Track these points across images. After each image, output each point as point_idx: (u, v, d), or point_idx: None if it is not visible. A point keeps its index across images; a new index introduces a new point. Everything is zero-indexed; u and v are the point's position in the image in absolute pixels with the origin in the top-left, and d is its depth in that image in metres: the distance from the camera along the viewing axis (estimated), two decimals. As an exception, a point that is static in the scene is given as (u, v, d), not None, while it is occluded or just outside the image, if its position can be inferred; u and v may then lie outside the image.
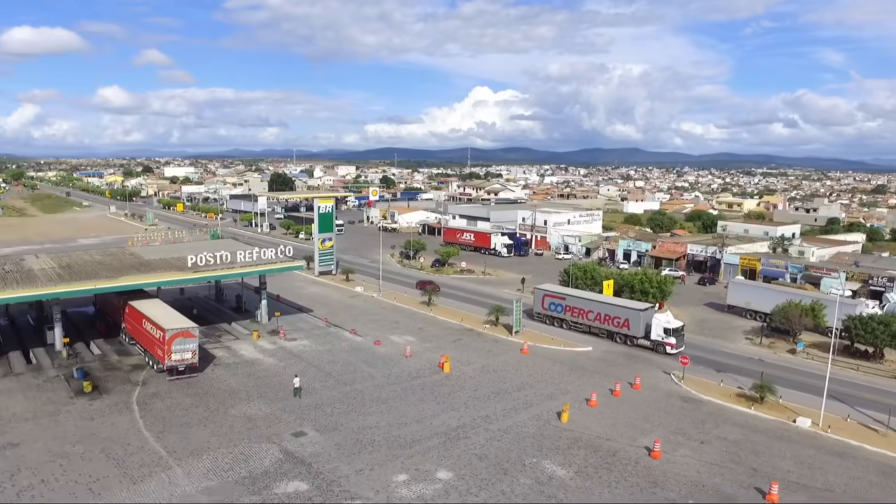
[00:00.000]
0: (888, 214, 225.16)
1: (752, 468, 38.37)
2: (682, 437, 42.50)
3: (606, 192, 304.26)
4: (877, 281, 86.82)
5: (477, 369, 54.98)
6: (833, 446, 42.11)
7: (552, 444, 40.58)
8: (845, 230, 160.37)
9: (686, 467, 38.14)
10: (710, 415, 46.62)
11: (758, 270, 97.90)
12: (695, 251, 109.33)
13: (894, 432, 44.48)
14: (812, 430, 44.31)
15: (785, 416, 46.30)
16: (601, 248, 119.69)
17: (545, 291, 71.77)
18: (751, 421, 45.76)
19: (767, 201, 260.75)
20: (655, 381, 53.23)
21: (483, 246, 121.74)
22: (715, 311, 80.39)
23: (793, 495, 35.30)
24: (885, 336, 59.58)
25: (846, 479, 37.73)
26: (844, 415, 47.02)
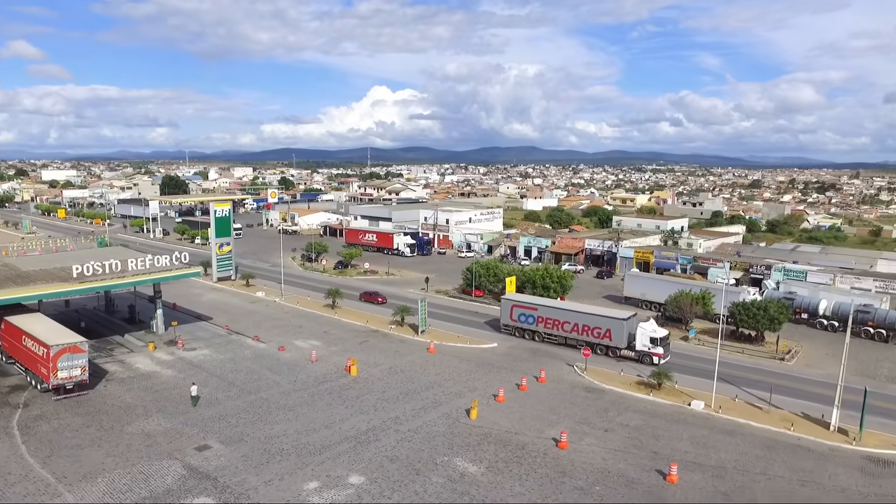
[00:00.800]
0: (764, 207, 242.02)
1: (653, 451, 40.17)
2: (587, 426, 43.90)
3: (506, 190, 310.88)
4: (756, 269, 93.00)
5: (384, 371, 54.66)
6: (724, 425, 44.74)
7: (462, 442, 40.90)
8: (728, 222, 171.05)
9: (592, 455, 39.43)
10: (613, 403, 48.43)
11: (651, 263, 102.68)
12: (592, 246, 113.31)
13: (776, 409, 47.79)
14: (705, 412, 46.91)
15: (681, 401, 48.76)
16: (503, 246, 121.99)
17: (514, 301, 66.77)
18: (650, 407, 47.90)
19: (658, 196, 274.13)
20: (560, 374, 54.71)
21: (386, 246, 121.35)
22: (613, 303, 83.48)
23: (690, 474, 37.22)
24: (764, 320, 63.88)
25: (736, 455, 40.17)
26: (733, 395, 50.07)
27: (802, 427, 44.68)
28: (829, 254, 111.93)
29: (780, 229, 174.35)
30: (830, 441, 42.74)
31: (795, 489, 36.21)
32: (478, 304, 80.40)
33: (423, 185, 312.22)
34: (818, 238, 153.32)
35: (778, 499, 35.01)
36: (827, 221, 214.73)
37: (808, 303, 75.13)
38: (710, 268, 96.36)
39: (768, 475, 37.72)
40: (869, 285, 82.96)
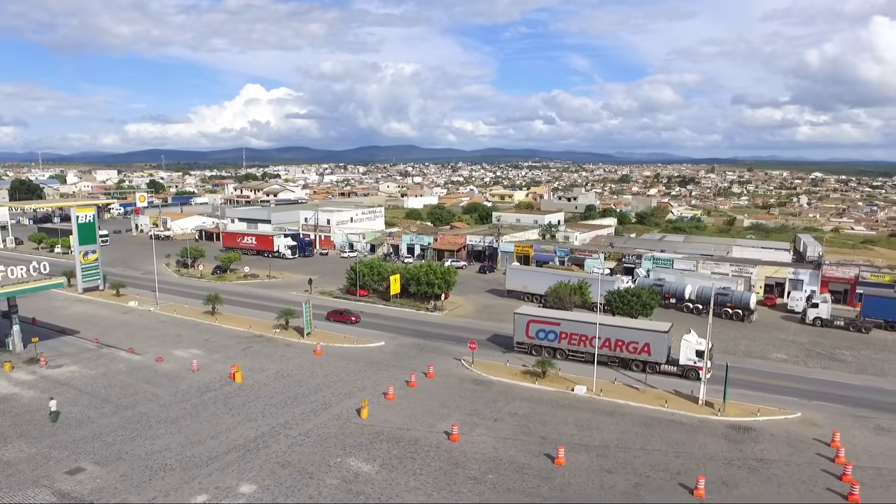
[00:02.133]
0: (633, 200, 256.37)
1: (541, 437, 41.66)
2: (477, 417, 44.83)
3: (387, 189, 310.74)
4: (628, 259, 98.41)
5: (271, 376, 53.24)
6: (605, 407, 47.13)
7: (355, 442, 40.61)
8: (601, 215, 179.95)
9: (483, 445, 40.33)
10: (501, 394, 49.73)
11: (531, 256, 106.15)
12: (474, 242, 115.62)
13: (651, 388, 50.92)
14: (588, 396, 49.19)
15: (565, 387, 50.84)
16: (385, 244, 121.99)
17: (531, 317, 59.80)
18: (536, 395, 49.61)
19: (535, 192, 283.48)
20: (448, 368, 55.47)
21: (266, 249, 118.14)
22: (496, 296, 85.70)
23: (576, 455, 38.93)
24: (637, 306, 67.89)
25: (617, 433, 42.45)
26: (612, 379, 52.84)
27: (675, 403, 47.90)
28: (692, 242, 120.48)
29: (648, 221, 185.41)
30: (699, 414, 46.10)
31: (671, 460, 38.75)
32: (363, 304, 79.96)
33: (302, 185, 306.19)
34: (682, 228, 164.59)
35: (656, 471, 37.33)
36: (689, 213, 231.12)
37: (675, 288, 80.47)
38: (586, 259, 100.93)
39: (647, 450, 40.16)
40: (726, 270, 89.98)
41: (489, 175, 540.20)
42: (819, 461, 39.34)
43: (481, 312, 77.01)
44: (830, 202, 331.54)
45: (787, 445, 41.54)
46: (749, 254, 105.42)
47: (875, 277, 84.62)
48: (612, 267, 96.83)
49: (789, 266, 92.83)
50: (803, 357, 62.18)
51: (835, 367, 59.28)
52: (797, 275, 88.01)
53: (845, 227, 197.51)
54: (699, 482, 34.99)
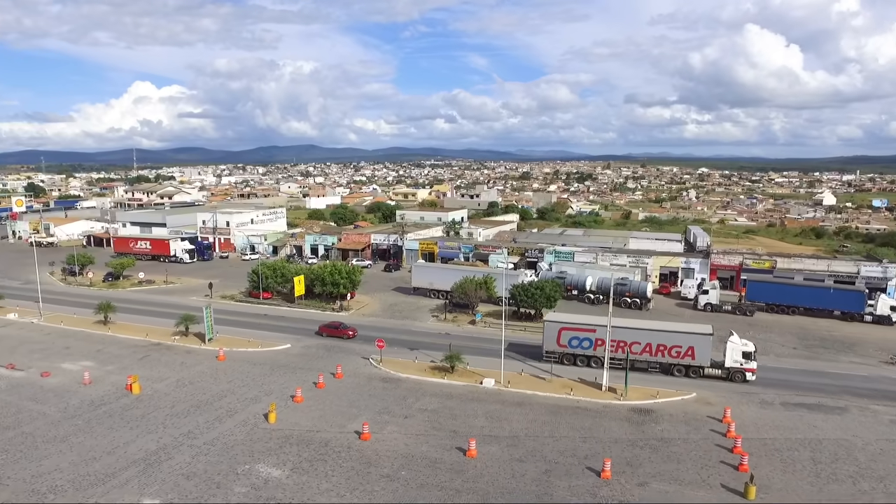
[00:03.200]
0: (534, 197, 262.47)
1: (452, 431, 41.94)
2: (387, 415, 44.59)
3: (288, 190, 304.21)
4: (531, 253, 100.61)
5: (171, 385, 50.92)
6: (514, 398, 48.03)
7: (263, 447, 39.47)
8: (503, 212, 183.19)
9: (395, 443, 40.16)
10: (410, 390, 49.69)
11: (436, 253, 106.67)
12: (378, 240, 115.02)
13: (557, 377, 52.31)
14: (496, 388, 49.96)
15: (473, 381, 51.40)
16: (288, 245, 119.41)
17: (563, 324, 56.64)
18: (446, 389, 49.90)
19: (438, 190, 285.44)
20: (356, 368, 54.89)
21: (162, 253, 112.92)
22: (403, 294, 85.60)
23: (487, 447, 39.46)
24: (542, 299, 69.51)
25: (526, 423, 43.36)
26: (519, 370, 53.88)
27: (580, 391, 49.45)
28: (591, 236, 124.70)
29: (548, 216, 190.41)
30: (603, 400, 47.81)
31: (578, 445, 39.96)
32: (267, 307, 77.90)
33: (199, 187, 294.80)
34: (581, 222, 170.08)
35: (564, 456, 38.37)
36: (587, 207, 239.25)
37: (576, 280, 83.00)
38: (490, 254, 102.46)
39: (555, 437, 41.23)
40: (624, 261, 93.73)
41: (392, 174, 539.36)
42: (713, 437, 41.71)
43: (388, 310, 76.78)
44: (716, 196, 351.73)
45: (684, 424, 43.74)
46: (644, 245, 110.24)
47: (757, 264, 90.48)
48: (515, 261, 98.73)
49: (681, 256, 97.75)
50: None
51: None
52: (689, 264, 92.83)
53: (730, 219, 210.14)
54: (605, 464, 36.28)
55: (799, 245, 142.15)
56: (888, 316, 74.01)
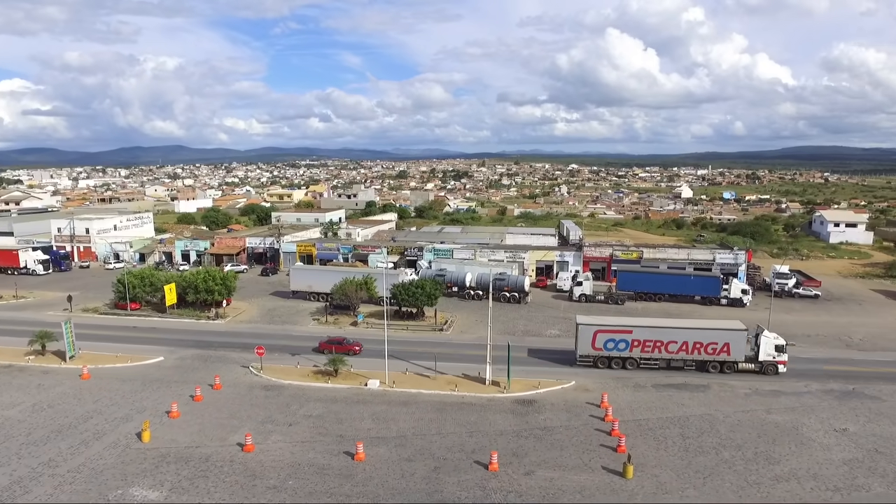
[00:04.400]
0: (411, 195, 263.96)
1: (338, 435, 41.23)
2: (271, 424, 43.18)
3: (154, 193, 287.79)
4: (411, 251, 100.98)
5: (26, 410, 46.60)
6: (399, 398, 47.94)
7: (137, 469, 37.01)
8: (381, 211, 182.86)
9: (280, 452, 38.94)
10: (294, 397, 48.39)
11: (314, 255, 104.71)
12: (254, 244, 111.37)
13: (441, 374, 52.78)
14: (381, 389, 49.67)
15: (358, 383, 50.84)
16: (157, 252, 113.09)
17: (598, 326, 55.71)
18: (330, 394, 49.02)
19: (314, 191, 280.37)
20: (236, 378, 52.78)
21: (10, 265, 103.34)
22: (281, 298, 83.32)
23: (376, 449, 39.13)
24: (422, 297, 69.86)
25: (413, 422, 43.41)
26: (403, 369, 53.87)
27: (465, 386, 50.13)
28: (469, 232, 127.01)
29: (426, 214, 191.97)
30: (488, 393, 48.74)
31: (465, 440, 40.48)
32: (135, 318, 73.29)
33: (52, 191, 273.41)
34: (459, 220, 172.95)
35: (452, 452, 38.74)
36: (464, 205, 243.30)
37: (456, 277, 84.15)
38: (370, 254, 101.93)
39: (442, 433, 41.55)
40: (501, 256, 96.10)
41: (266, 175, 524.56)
42: (593, 422, 43.61)
43: (267, 316, 74.45)
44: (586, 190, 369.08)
45: (565, 412, 45.43)
46: (521, 241, 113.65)
47: (625, 255, 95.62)
48: (395, 260, 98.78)
49: (556, 250, 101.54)
50: (573, 331, 68.23)
51: (598, 337, 65.87)
52: (563, 257, 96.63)
53: (599, 213, 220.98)
54: (493, 457, 36.99)
55: (662, 236, 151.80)
56: (740, 298, 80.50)
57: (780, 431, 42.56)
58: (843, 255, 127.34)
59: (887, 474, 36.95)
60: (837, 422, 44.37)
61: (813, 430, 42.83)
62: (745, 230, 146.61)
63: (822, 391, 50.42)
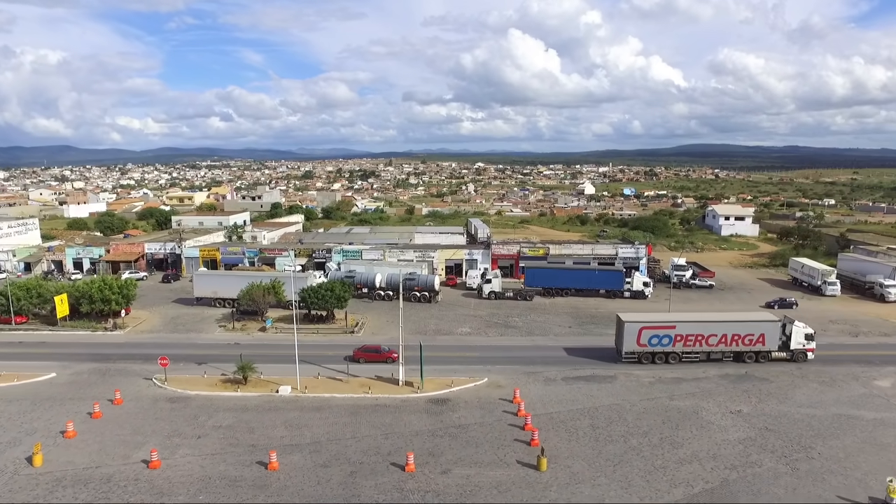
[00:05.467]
0: (318, 196, 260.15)
1: (250, 445, 39.99)
2: (178, 438, 41.35)
3: (39, 197, 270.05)
4: (319, 254, 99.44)
5: None
6: (312, 403, 47.06)
7: (28, 496, 34.51)
8: (287, 213, 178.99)
9: (189, 466, 37.36)
10: (202, 408, 46.56)
11: (219, 260, 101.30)
12: (153, 249, 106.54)
13: (354, 377, 52.22)
14: (293, 395, 48.59)
15: (269, 390, 49.52)
16: (45, 261, 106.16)
17: (643, 323, 57.16)
18: (240, 402, 47.49)
19: (216, 193, 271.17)
20: (138, 391, 50.27)
21: None
22: (185, 305, 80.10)
23: (289, 457, 38.24)
24: (332, 300, 68.90)
25: (327, 427, 42.71)
26: (315, 374, 52.92)
27: (378, 388, 49.80)
28: (377, 233, 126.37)
29: (334, 215, 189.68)
30: (401, 395, 48.62)
31: (381, 443, 40.20)
32: (21, 333, 68.45)
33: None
34: (367, 220, 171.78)
35: (368, 455, 38.37)
36: (372, 205, 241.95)
37: (366, 278, 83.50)
38: (277, 257, 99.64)
39: (357, 437, 41.10)
40: (411, 256, 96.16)
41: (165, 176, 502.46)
42: (506, 417, 44.32)
43: (170, 324, 71.32)
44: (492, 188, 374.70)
45: (479, 409, 45.93)
46: (429, 240, 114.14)
47: (532, 252, 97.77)
48: (303, 263, 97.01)
49: (465, 248, 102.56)
50: (484, 328, 69.29)
51: (510, 334, 67.18)
52: (472, 255, 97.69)
53: (506, 210, 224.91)
54: (409, 458, 36.91)
55: (567, 232, 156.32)
56: (642, 291, 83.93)
57: (682, 416, 44.67)
58: (733, 246, 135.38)
59: (776, 450, 39.50)
60: (733, 404, 47.04)
61: (711, 414, 45.22)
62: (644, 225, 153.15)
63: (718, 376, 53.32)
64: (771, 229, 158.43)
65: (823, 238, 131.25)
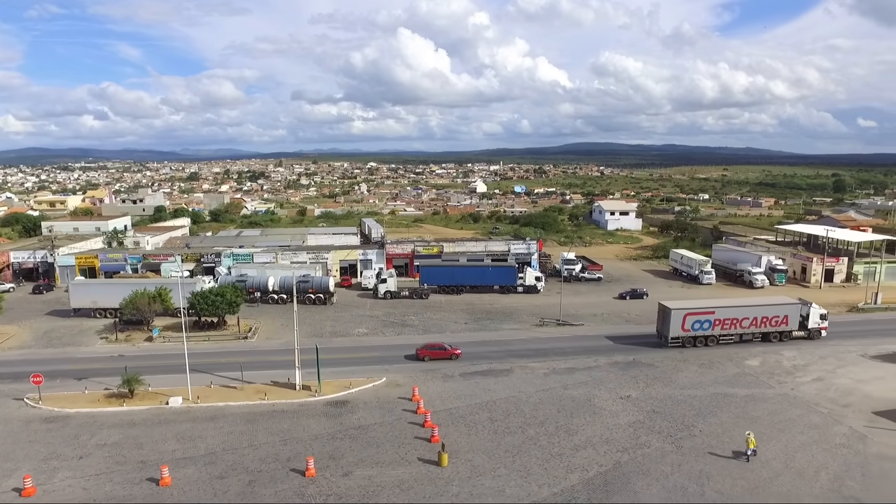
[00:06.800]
0: (205, 198, 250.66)
1: (139, 462, 37.88)
2: (56, 460, 38.50)
3: None
4: (208, 258, 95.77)
5: None
6: (206, 413, 45.24)
7: None
8: (172, 216, 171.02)
9: (71, 490, 34.88)
10: (83, 426, 43.62)
11: (98, 267, 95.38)
12: (21, 258, 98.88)
13: (249, 384, 50.67)
14: (185, 406, 46.50)
15: (158, 402, 47.13)
16: None
17: (687, 310, 61.49)
18: (127, 418, 44.90)
19: (93, 196, 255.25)
20: (7, 413, 46.40)
21: None
22: (60, 317, 74.84)
23: (183, 471, 36.53)
24: (223, 305, 66.60)
25: (222, 437, 41.16)
26: (208, 383, 50.90)
27: (274, 394, 48.54)
28: (269, 235, 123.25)
29: (223, 217, 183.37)
30: (299, 399, 47.67)
31: (280, 449, 39.20)
32: None
33: None
34: (257, 222, 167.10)
35: (267, 463, 37.33)
36: (262, 206, 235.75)
37: (258, 282, 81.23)
38: (163, 263, 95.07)
39: (254, 445, 39.88)
40: (304, 258, 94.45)
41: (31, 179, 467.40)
42: (406, 416, 44.40)
43: (43, 339, 66.27)
44: (385, 188, 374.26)
45: (378, 409, 45.76)
46: (323, 241, 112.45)
47: (427, 250, 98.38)
48: (191, 269, 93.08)
49: (359, 248, 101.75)
50: (381, 328, 69.07)
51: (407, 332, 67.33)
52: (366, 255, 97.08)
53: (399, 209, 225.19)
54: (309, 463, 36.22)
55: (460, 230, 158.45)
56: (535, 285, 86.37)
57: (576, 405, 46.36)
58: (618, 240, 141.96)
59: (663, 430, 41.82)
60: (622, 390, 49.33)
61: (603, 400, 47.22)
62: (535, 221, 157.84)
63: (608, 364, 55.76)
64: (653, 223, 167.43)
65: (699, 230, 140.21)
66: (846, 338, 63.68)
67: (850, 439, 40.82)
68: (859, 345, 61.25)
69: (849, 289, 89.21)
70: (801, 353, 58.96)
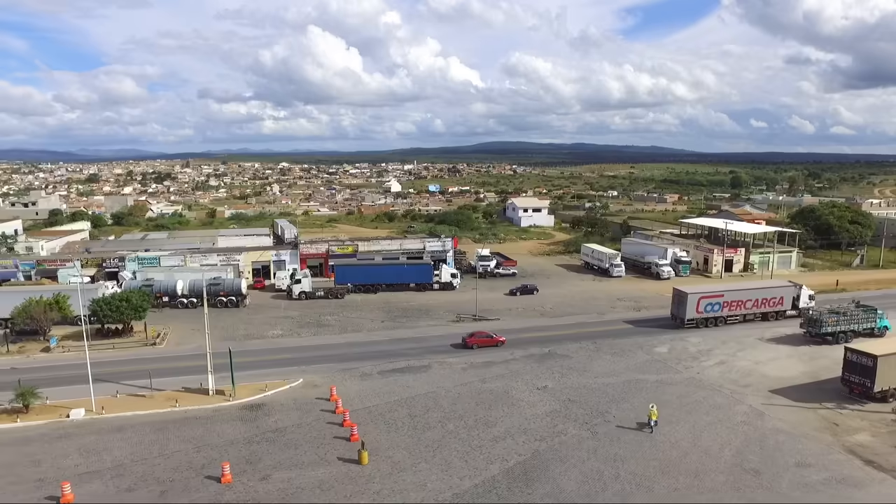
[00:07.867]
0: (106, 201, 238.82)
1: (37, 480, 35.43)
2: (-58, 481, 35.74)
3: None
4: (111, 262, 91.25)
5: None
6: (112, 424, 42.97)
7: None
8: (70, 220, 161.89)
9: (-42, 512, 32.47)
10: (-28, 444, 40.65)
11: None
12: None
13: (159, 391, 48.56)
14: (88, 418, 44.01)
15: (57, 416, 44.37)
16: None
17: (700, 294, 67.11)
18: (21, 434, 42.01)
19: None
20: None
21: None
22: None
23: (87, 486, 34.56)
24: (129, 311, 63.58)
25: (130, 448, 39.18)
26: (114, 392, 48.41)
27: (187, 400, 46.74)
28: (177, 237, 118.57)
29: (126, 221, 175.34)
30: (212, 404, 46.10)
31: (193, 457, 37.73)
32: None
33: None
34: (164, 225, 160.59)
35: (180, 472, 35.83)
36: (169, 209, 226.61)
37: (166, 286, 78.03)
38: (60, 269, 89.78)
39: (166, 454, 38.21)
40: (215, 260, 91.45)
41: None
42: (324, 416, 43.74)
43: (-73, 353, 61.38)
44: (298, 188, 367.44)
45: (296, 410, 44.85)
46: (234, 243, 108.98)
47: (342, 250, 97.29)
48: (92, 274, 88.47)
49: (271, 249, 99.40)
50: (296, 329, 67.79)
51: (323, 332, 66.37)
52: (279, 256, 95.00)
53: (313, 210, 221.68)
54: (224, 469, 35.09)
55: (375, 229, 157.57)
56: (450, 282, 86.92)
57: (494, 397, 46.94)
58: (532, 236, 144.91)
59: (578, 418, 43.01)
60: (539, 381, 50.34)
61: (520, 392, 48.04)
62: (450, 219, 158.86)
63: (525, 356, 56.76)
64: (564, 219, 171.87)
65: (609, 225, 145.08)
66: (744, 322, 67.41)
67: (750, 416, 43.31)
68: (757, 329, 65.11)
69: (746, 277, 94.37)
70: (704, 339, 61.97)
